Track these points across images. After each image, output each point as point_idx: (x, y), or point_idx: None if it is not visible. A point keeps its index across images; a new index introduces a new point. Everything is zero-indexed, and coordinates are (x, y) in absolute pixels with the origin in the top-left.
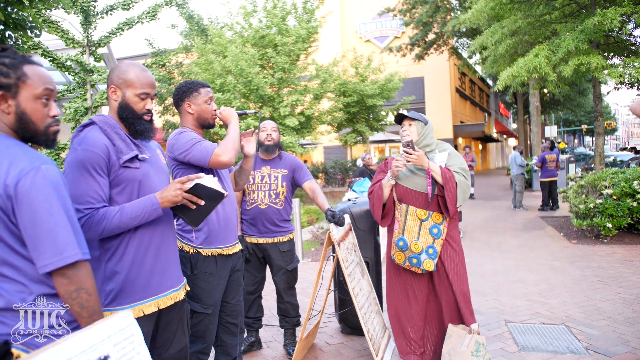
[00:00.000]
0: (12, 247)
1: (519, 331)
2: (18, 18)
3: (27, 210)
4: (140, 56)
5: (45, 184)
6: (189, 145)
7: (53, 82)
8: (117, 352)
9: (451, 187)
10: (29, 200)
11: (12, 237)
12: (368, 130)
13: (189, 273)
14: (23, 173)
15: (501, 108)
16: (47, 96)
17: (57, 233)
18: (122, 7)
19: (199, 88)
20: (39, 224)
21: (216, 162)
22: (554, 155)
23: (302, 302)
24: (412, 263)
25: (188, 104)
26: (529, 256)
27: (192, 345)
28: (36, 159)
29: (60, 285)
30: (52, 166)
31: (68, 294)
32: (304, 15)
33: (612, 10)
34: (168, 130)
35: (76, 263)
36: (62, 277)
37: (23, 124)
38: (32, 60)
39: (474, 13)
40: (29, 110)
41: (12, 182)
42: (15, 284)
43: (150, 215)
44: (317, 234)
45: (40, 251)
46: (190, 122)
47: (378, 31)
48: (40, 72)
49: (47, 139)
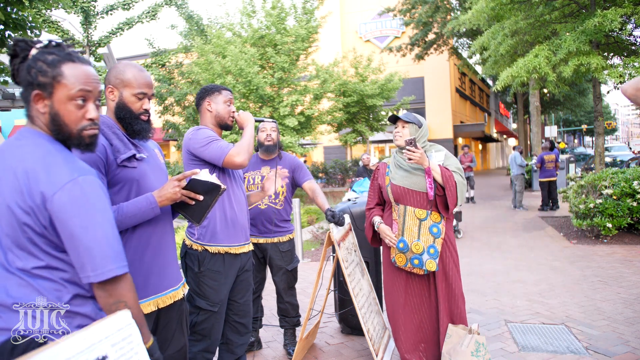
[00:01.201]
0: (47, 252)
1: (519, 331)
2: (18, 18)
3: (65, 224)
4: (140, 56)
5: (82, 197)
6: (206, 142)
7: (94, 81)
8: (116, 352)
9: (452, 186)
10: (65, 215)
11: (47, 243)
12: (368, 130)
13: (196, 270)
14: (59, 185)
15: (501, 108)
16: (84, 97)
17: (94, 249)
18: (122, 7)
19: (221, 90)
20: (76, 239)
21: (230, 162)
22: (553, 155)
23: (302, 302)
24: (414, 264)
25: (208, 102)
26: (529, 256)
27: (198, 344)
28: (75, 169)
29: (100, 298)
30: (90, 177)
31: (107, 307)
32: (304, 16)
33: (613, 11)
34: (168, 130)
35: (114, 277)
36: (100, 290)
37: (56, 126)
38: (76, 57)
39: (474, 13)
40: (62, 111)
41: (49, 193)
42: (52, 282)
43: (148, 214)
44: (317, 234)
45: (80, 264)
46: (209, 120)
47: (378, 31)
48: (80, 72)
49: (81, 143)
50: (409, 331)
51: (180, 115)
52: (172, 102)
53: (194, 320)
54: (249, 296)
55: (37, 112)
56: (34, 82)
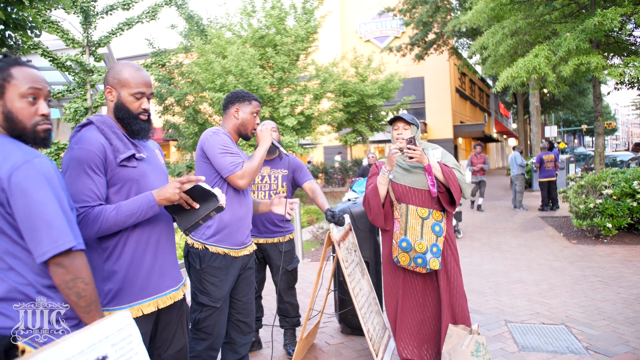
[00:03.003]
0: (11, 237)
1: (519, 331)
2: (18, 18)
3: (21, 201)
4: (140, 56)
5: (37, 175)
6: (220, 151)
7: (42, 81)
8: (115, 353)
9: (454, 181)
10: (22, 192)
11: (11, 228)
12: (368, 130)
13: (197, 267)
14: (15, 166)
15: (501, 108)
16: (34, 95)
17: (51, 222)
18: (122, 7)
19: (251, 100)
20: (33, 215)
21: (233, 181)
22: (552, 155)
23: (302, 302)
24: (417, 263)
25: (237, 109)
26: (529, 256)
27: (202, 342)
28: (29, 153)
29: (57, 275)
30: (44, 159)
31: (64, 284)
32: (303, 16)
33: (613, 11)
34: (168, 130)
35: (71, 252)
36: (57, 266)
37: (10, 123)
38: (22, 62)
39: (474, 14)
40: (14, 109)
41: (5, 175)
42: (17, 274)
43: (146, 213)
44: (317, 234)
45: (36, 241)
46: (232, 126)
47: (378, 31)
48: (28, 72)
49: (36, 137)
50: (409, 331)
51: (181, 115)
52: (172, 102)
53: (197, 317)
54: (251, 295)
55: None
56: None
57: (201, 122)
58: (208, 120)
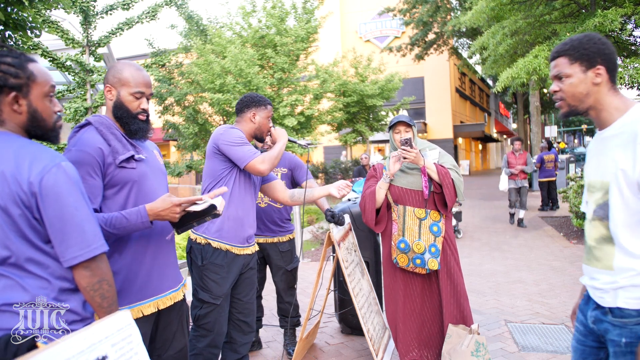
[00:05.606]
0: (34, 244)
1: (519, 331)
2: (18, 18)
3: (54, 205)
4: (140, 56)
5: (68, 179)
6: (238, 142)
7: (52, 77)
8: (115, 353)
9: (448, 182)
10: (55, 196)
11: (35, 234)
12: (368, 130)
13: (199, 264)
14: (46, 170)
15: (501, 108)
16: (53, 93)
17: (84, 227)
18: (122, 7)
19: (267, 104)
20: (65, 219)
21: (253, 167)
22: (552, 155)
23: (302, 302)
24: (416, 264)
25: (254, 113)
26: (529, 256)
27: (203, 340)
28: (55, 156)
29: (83, 278)
30: (70, 163)
31: (91, 286)
32: (304, 16)
33: (613, 11)
34: (168, 130)
35: (99, 255)
36: (85, 269)
37: (35, 122)
38: (32, 58)
39: (474, 13)
40: (40, 108)
41: (36, 179)
42: (38, 279)
43: (137, 228)
44: (317, 234)
45: (67, 245)
46: (247, 129)
47: (378, 31)
48: (44, 70)
49: (56, 134)
50: (409, 332)
51: (180, 115)
52: (172, 102)
53: (197, 313)
54: (252, 294)
55: (8, 114)
56: (6, 85)
57: (201, 122)
58: (208, 120)
